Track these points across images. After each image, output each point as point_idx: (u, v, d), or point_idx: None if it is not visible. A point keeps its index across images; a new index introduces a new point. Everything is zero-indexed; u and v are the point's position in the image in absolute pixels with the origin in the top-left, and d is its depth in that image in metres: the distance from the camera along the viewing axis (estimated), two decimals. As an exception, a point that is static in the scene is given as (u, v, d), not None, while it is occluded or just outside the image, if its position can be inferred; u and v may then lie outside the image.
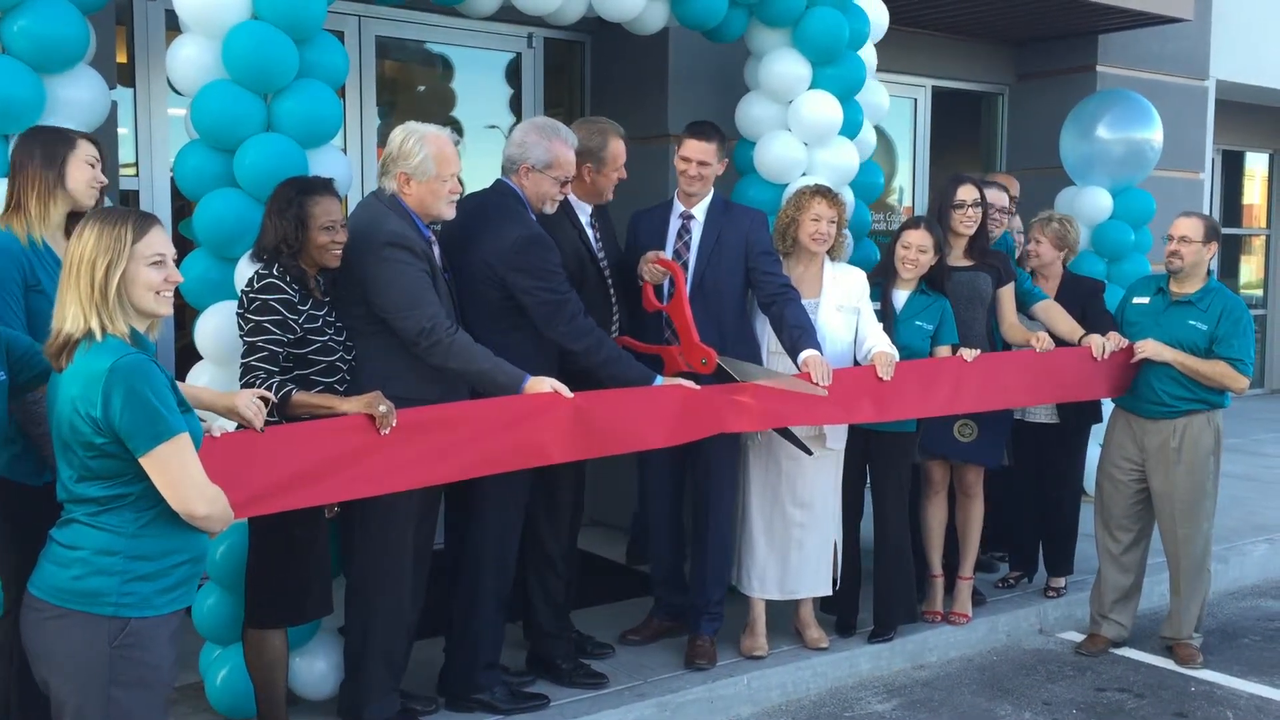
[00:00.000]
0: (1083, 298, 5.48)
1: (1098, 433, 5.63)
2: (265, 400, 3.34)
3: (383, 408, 3.44)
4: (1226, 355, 4.84)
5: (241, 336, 3.58)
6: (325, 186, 3.69)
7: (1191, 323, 4.90)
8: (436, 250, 3.90)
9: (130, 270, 2.60)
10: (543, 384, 3.77)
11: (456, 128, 6.58)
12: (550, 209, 4.24)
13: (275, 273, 3.56)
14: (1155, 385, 4.94)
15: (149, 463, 2.56)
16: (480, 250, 4.06)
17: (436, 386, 3.80)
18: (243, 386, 3.52)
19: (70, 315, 2.59)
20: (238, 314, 3.61)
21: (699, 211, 4.70)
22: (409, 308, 3.68)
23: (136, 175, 5.43)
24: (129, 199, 5.38)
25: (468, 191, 4.34)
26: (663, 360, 4.45)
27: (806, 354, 4.42)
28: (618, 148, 4.47)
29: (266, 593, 3.67)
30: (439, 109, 6.64)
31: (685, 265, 4.66)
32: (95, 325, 2.58)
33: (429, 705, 4.23)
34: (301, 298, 3.59)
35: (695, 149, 4.64)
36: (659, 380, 4.12)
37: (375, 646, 3.88)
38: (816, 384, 4.33)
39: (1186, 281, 4.97)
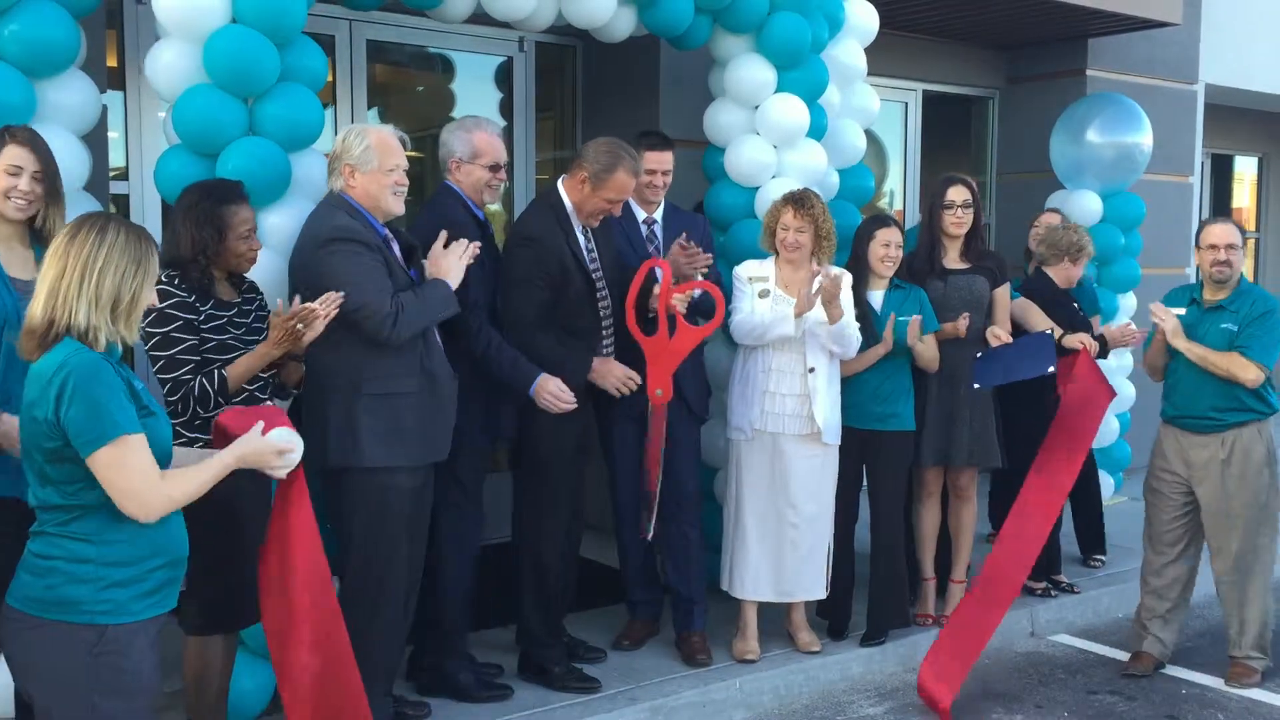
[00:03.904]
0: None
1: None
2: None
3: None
4: (1240, 345, 4.69)
5: (149, 352, 3.50)
6: (240, 194, 3.63)
7: (1223, 326, 4.75)
8: (396, 248, 3.89)
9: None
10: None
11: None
12: (490, 198, 4.42)
13: (163, 278, 3.45)
14: (1199, 399, 4.82)
15: (93, 465, 2.49)
16: None
17: (413, 379, 3.80)
18: (169, 395, 3.45)
19: (81, 312, 2.52)
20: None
21: (659, 215, 4.87)
22: (364, 303, 3.63)
23: (127, 180, 5.42)
24: (120, 204, 5.37)
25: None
26: (644, 354, 4.44)
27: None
28: (622, 180, 4.35)
29: (201, 597, 3.55)
30: (430, 113, 6.64)
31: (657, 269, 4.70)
32: (106, 332, 2.55)
33: (421, 709, 4.22)
34: (201, 298, 3.52)
35: (659, 159, 4.79)
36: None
37: (368, 651, 3.86)
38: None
39: (1221, 288, 4.83)
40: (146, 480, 2.55)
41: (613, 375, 4.39)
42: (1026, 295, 5.54)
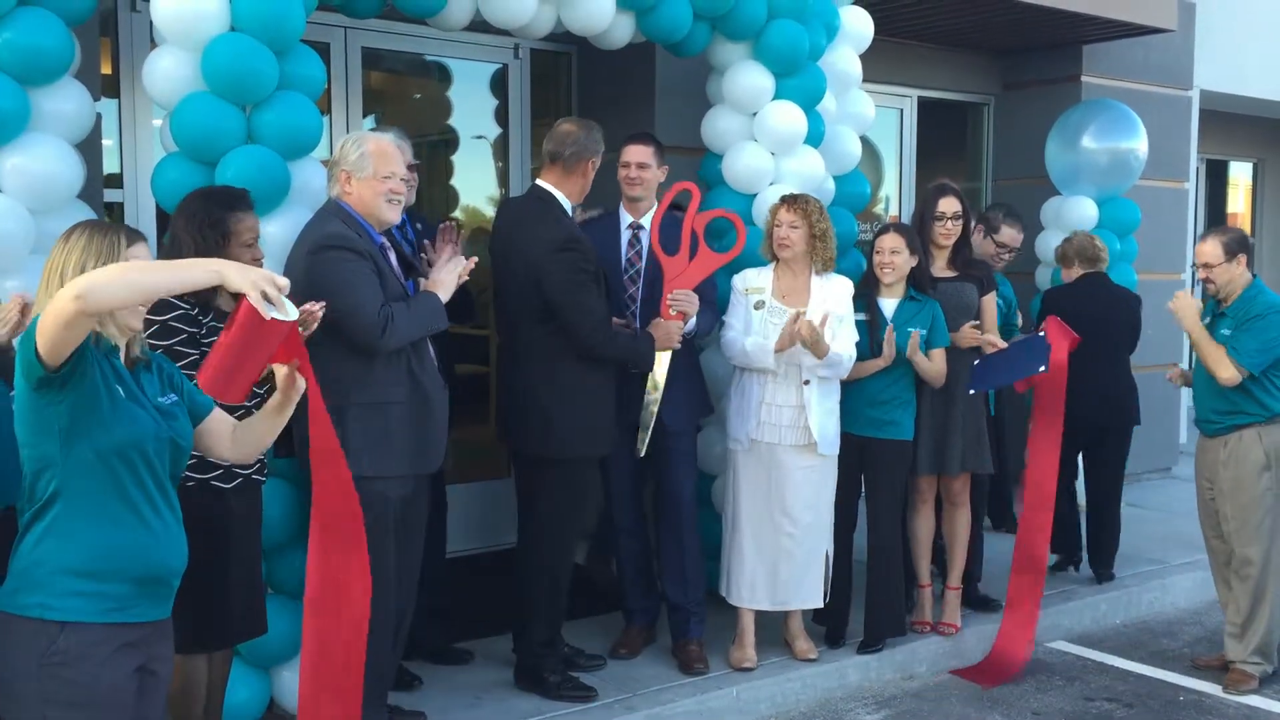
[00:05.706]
0: None
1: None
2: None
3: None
4: (1228, 342, 4.78)
5: None
6: (246, 201, 3.59)
7: (1224, 331, 4.85)
8: (392, 257, 3.88)
9: None
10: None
11: (445, 138, 6.57)
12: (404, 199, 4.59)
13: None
14: (1204, 401, 4.92)
15: (41, 342, 2.38)
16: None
17: (402, 388, 3.78)
18: None
19: None
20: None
21: (646, 221, 4.79)
22: (353, 310, 3.62)
23: (121, 188, 5.41)
24: (114, 211, 5.36)
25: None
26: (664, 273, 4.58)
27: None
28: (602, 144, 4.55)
29: (179, 615, 3.33)
30: (426, 120, 6.63)
31: (638, 274, 4.76)
32: None
33: (417, 718, 4.20)
34: (202, 310, 3.48)
35: (633, 152, 4.81)
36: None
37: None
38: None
39: (1230, 297, 4.90)
40: (57, 299, 2.38)
41: (670, 332, 4.50)
42: (1087, 299, 5.84)
